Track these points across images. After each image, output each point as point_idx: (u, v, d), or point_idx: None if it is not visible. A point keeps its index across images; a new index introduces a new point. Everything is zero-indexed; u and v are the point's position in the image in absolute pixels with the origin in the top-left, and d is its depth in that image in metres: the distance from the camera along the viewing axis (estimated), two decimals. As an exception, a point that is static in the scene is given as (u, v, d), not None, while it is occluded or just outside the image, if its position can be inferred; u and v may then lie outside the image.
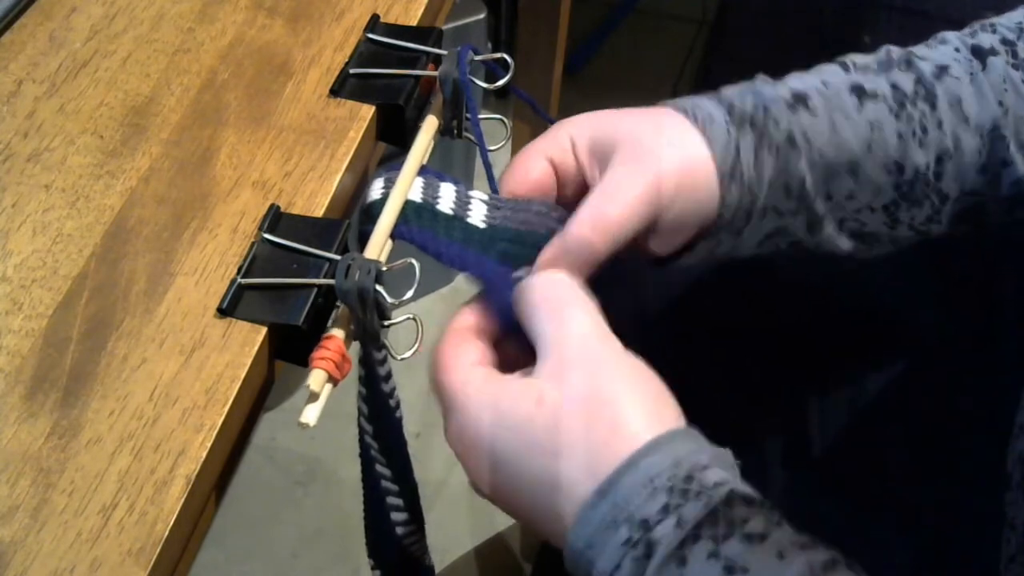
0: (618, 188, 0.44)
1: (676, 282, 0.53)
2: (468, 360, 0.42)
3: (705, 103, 0.47)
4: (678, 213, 0.45)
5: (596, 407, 0.38)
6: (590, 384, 0.38)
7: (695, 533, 0.35)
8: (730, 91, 0.48)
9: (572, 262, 0.43)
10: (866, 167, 0.47)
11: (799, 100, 0.47)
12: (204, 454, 0.39)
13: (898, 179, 0.48)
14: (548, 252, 0.44)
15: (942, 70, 0.49)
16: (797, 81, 0.49)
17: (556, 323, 0.41)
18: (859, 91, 0.48)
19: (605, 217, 0.43)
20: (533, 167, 0.47)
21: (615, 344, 0.40)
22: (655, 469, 0.36)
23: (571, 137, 0.47)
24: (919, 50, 0.50)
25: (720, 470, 0.37)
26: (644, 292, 0.66)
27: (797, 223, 0.48)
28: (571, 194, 0.48)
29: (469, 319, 0.43)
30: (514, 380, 0.40)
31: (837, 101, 0.47)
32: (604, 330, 0.41)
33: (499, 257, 0.45)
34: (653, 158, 0.44)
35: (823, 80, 0.48)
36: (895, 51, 0.50)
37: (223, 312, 0.42)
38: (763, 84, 0.48)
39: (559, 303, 0.41)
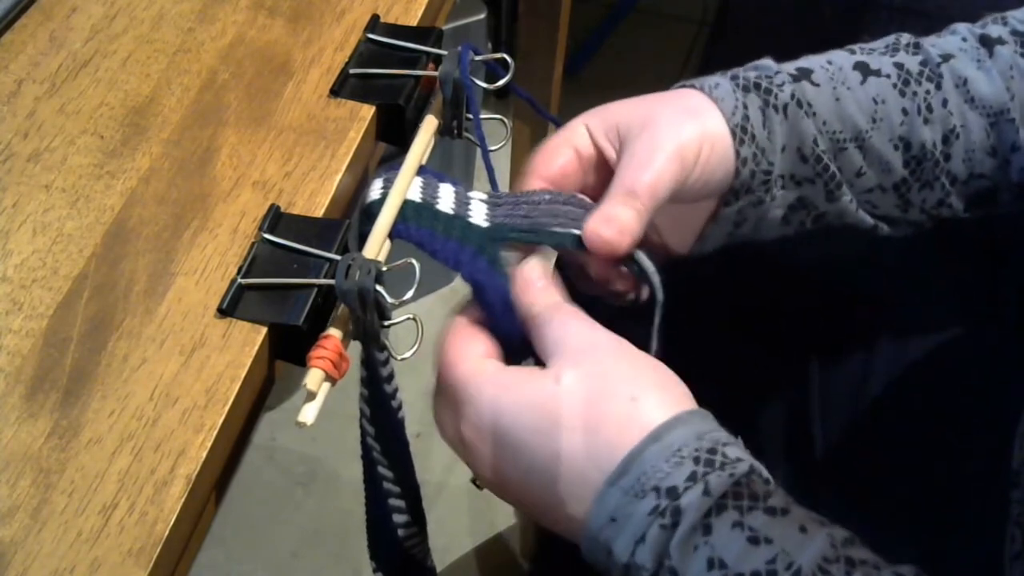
0: (647, 155, 0.45)
1: (677, 275, 0.53)
2: (476, 352, 0.42)
3: (711, 77, 0.49)
4: (699, 177, 0.46)
5: (613, 389, 0.39)
6: (605, 369, 0.39)
7: (721, 503, 0.36)
8: (735, 69, 0.50)
9: (619, 228, 0.44)
10: (873, 141, 0.48)
11: (803, 73, 0.49)
12: (204, 454, 0.39)
13: (906, 156, 0.49)
14: (592, 221, 0.44)
15: (948, 55, 0.50)
16: (802, 61, 0.50)
17: (558, 321, 0.41)
18: (863, 68, 0.49)
19: (640, 182, 0.44)
20: (559, 154, 0.48)
21: (620, 339, 0.41)
22: (680, 441, 0.37)
23: (587, 126, 0.48)
24: (928, 39, 0.51)
25: (738, 448, 0.38)
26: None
27: (816, 192, 0.49)
28: (593, 182, 0.49)
29: (473, 313, 0.44)
30: (526, 369, 0.41)
31: (841, 76, 0.49)
32: (602, 328, 0.42)
33: (497, 257, 0.45)
34: (672, 129, 0.46)
35: (828, 59, 0.50)
36: (904, 37, 0.51)
37: (223, 312, 0.42)
38: (767, 61, 0.50)
39: (556, 305, 0.42)
